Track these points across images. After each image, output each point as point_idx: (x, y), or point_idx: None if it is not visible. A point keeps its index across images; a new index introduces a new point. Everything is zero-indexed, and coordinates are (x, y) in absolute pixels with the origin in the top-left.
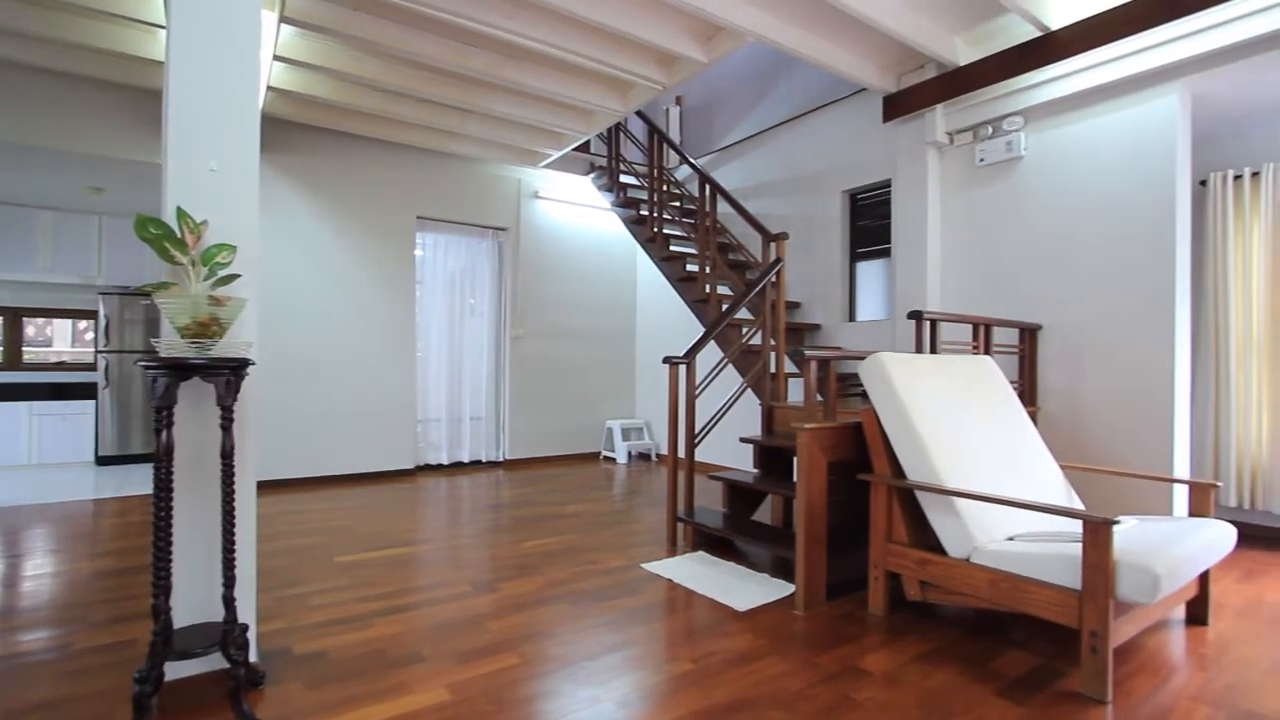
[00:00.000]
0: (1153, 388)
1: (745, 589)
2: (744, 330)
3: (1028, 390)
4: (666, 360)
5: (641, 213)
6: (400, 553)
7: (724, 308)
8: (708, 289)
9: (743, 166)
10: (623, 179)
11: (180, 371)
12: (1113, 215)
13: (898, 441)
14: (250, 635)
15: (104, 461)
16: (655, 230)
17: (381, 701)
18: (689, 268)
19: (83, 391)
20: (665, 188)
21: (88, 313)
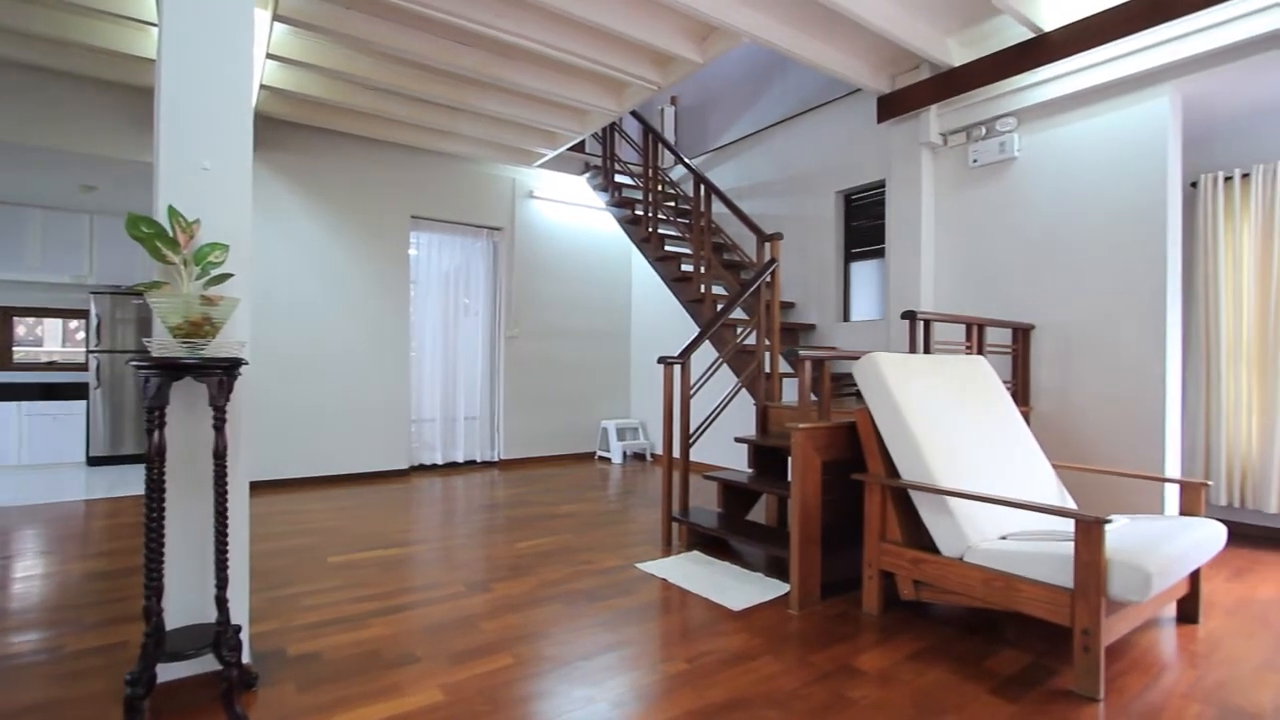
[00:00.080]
0: (1144, 388)
1: (740, 589)
2: (739, 330)
3: (1021, 390)
4: (661, 360)
5: (636, 212)
6: (394, 553)
7: (719, 308)
8: (702, 289)
9: (738, 167)
10: (618, 179)
11: (172, 371)
12: (1105, 216)
13: (892, 441)
14: (243, 636)
15: (95, 462)
16: (650, 230)
17: (375, 703)
18: (684, 268)
19: (74, 391)
20: (660, 188)
21: (79, 312)
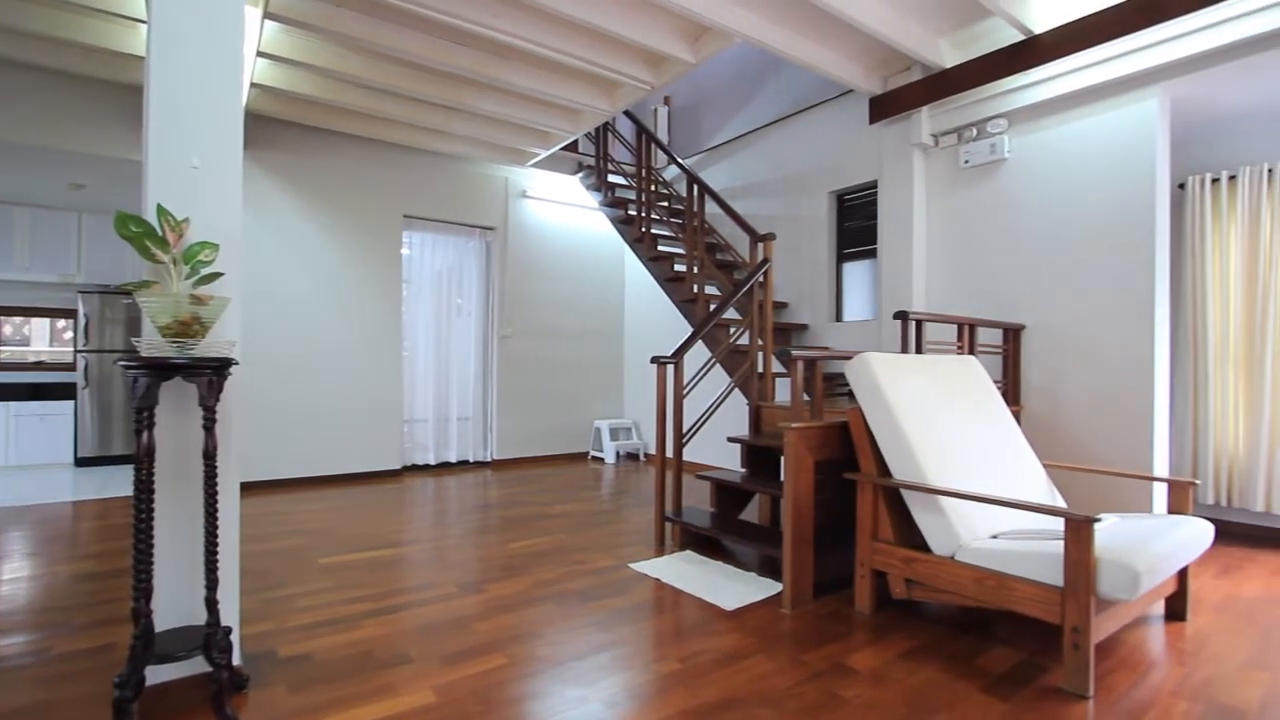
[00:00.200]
0: (1133, 387)
1: (733, 588)
2: (732, 330)
3: (1011, 390)
4: (654, 360)
5: (630, 212)
6: (387, 554)
7: (712, 308)
8: (696, 289)
9: (731, 167)
10: (611, 179)
11: (162, 371)
12: (1094, 217)
13: (884, 441)
14: (234, 638)
15: (83, 463)
16: (643, 230)
17: (368, 704)
18: (677, 268)
19: (61, 391)
20: (653, 188)
21: (67, 311)
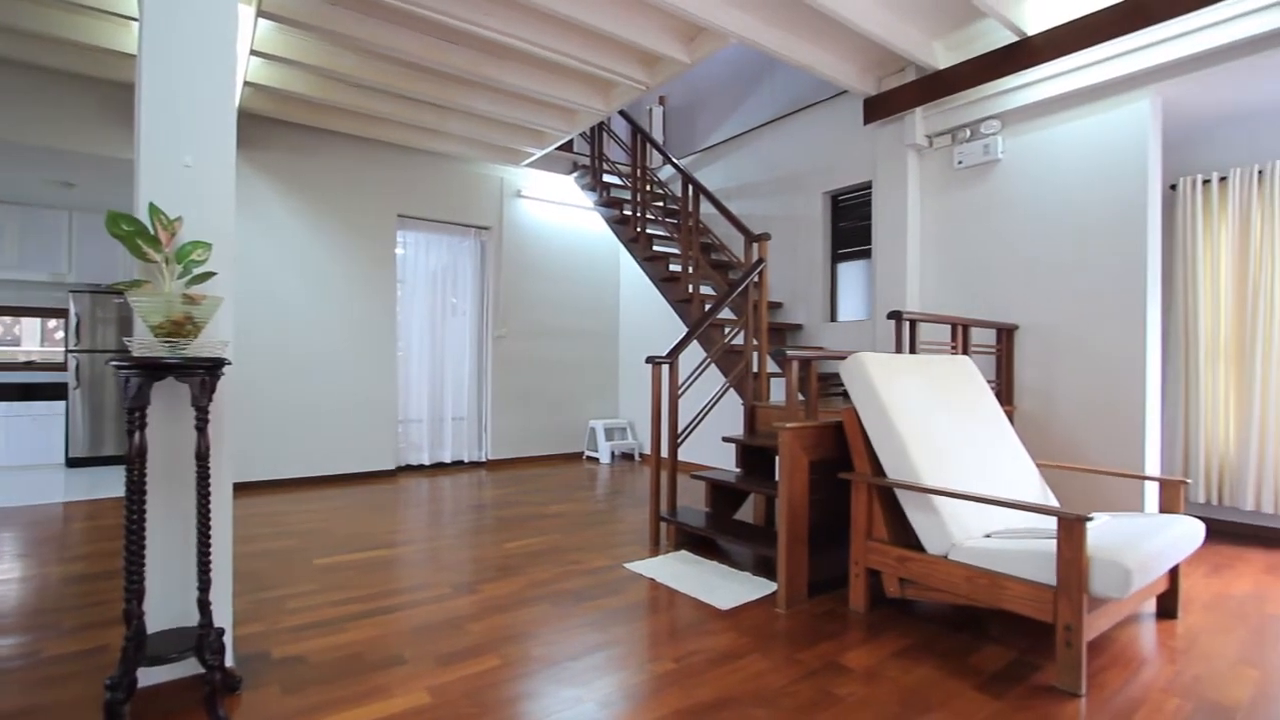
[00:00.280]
0: (1125, 387)
1: (728, 588)
2: (726, 330)
3: (1004, 390)
4: (649, 360)
5: (625, 212)
6: (380, 555)
7: (707, 308)
8: (691, 289)
9: (726, 167)
10: (606, 179)
11: (154, 371)
12: (1086, 218)
13: (878, 440)
14: (226, 639)
15: (75, 463)
16: (638, 230)
17: (361, 705)
18: (672, 268)
19: (52, 392)
20: (648, 188)
21: (58, 311)
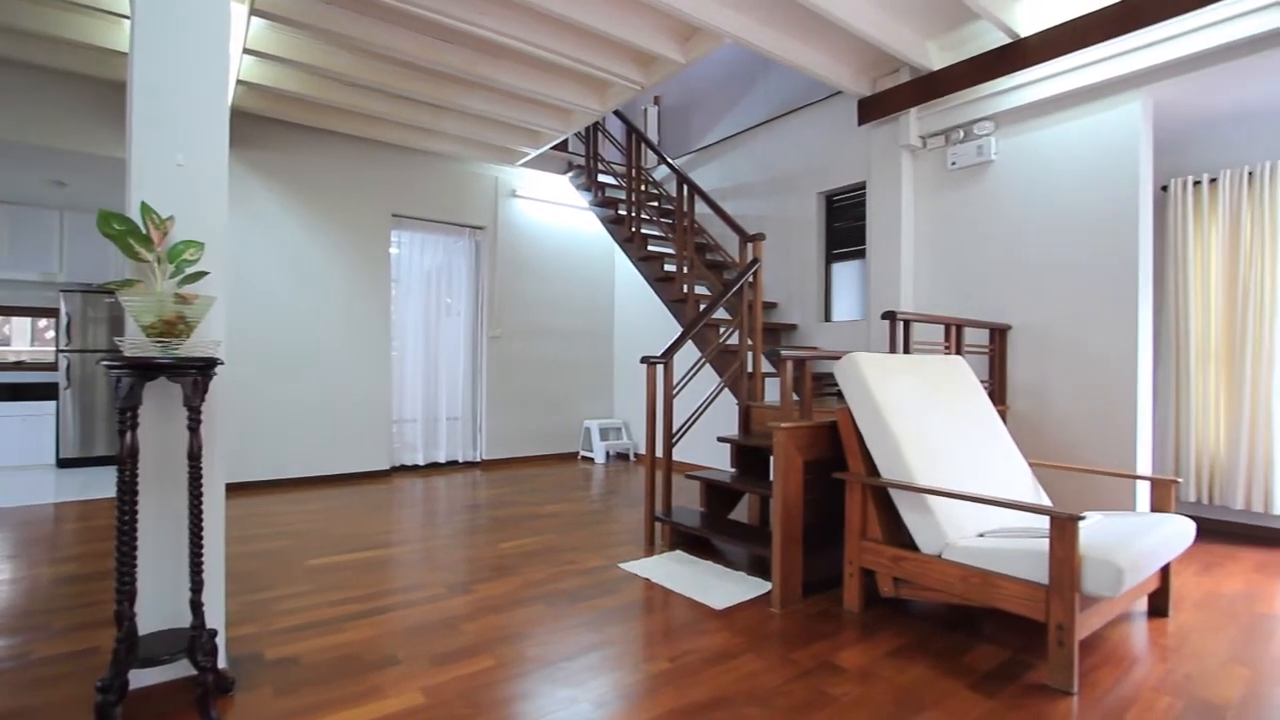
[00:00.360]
0: (1116, 387)
1: (722, 587)
2: (721, 330)
3: (997, 389)
4: (644, 360)
5: (620, 212)
6: (375, 555)
7: (701, 308)
8: (685, 289)
9: (720, 167)
10: (601, 178)
11: (145, 371)
12: (1079, 219)
13: (872, 440)
14: (219, 641)
15: (65, 464)
16: (633, 230)
17: (355, 706)
18: (667, 268)
19: (43, 392)
20: (643, 188)
21: (48, 310)
